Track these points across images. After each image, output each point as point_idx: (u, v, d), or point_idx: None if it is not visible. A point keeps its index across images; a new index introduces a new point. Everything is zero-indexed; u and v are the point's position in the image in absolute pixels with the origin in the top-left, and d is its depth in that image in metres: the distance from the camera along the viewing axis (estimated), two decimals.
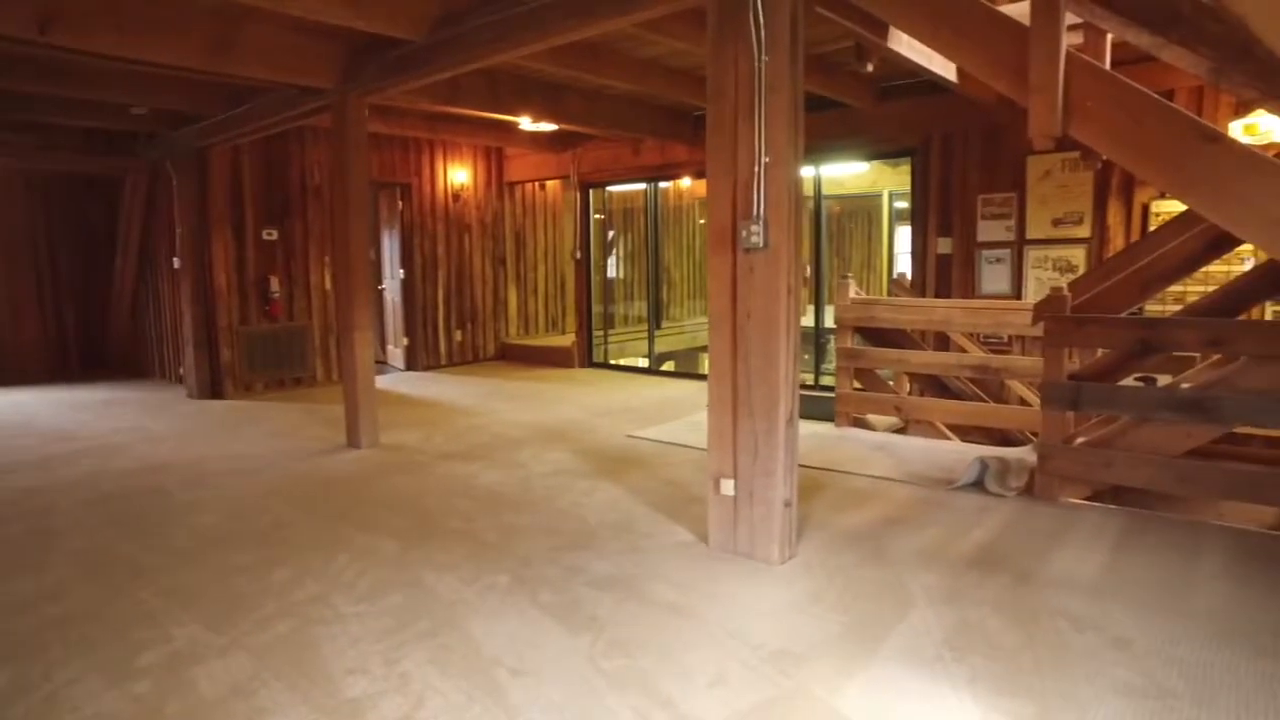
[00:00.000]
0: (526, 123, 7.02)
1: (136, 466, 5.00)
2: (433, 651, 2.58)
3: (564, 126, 7.37)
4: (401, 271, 8.87)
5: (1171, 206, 5.49)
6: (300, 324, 7.94)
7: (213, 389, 7.45)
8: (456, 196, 9.17)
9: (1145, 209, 5.62)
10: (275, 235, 7.71)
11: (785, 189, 3.12)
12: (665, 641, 2.60)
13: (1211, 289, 4.50)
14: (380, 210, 9.14)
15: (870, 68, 4.84)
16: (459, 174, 9.16)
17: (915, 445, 5.25)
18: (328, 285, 8.00)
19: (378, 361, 8.99)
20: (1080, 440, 4.13)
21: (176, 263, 7.47)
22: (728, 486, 3.33)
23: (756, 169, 3.13)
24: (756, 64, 3.09)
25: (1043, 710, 2.20)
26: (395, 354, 9.18)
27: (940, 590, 2.96)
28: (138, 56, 4.50)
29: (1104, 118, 3.05)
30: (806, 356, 8.75)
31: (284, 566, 3.31)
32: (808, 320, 8.36)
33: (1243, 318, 3.95)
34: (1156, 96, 2.99)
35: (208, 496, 4.34)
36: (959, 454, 4.91)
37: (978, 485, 4.22)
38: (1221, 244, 3.75)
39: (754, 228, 3.13)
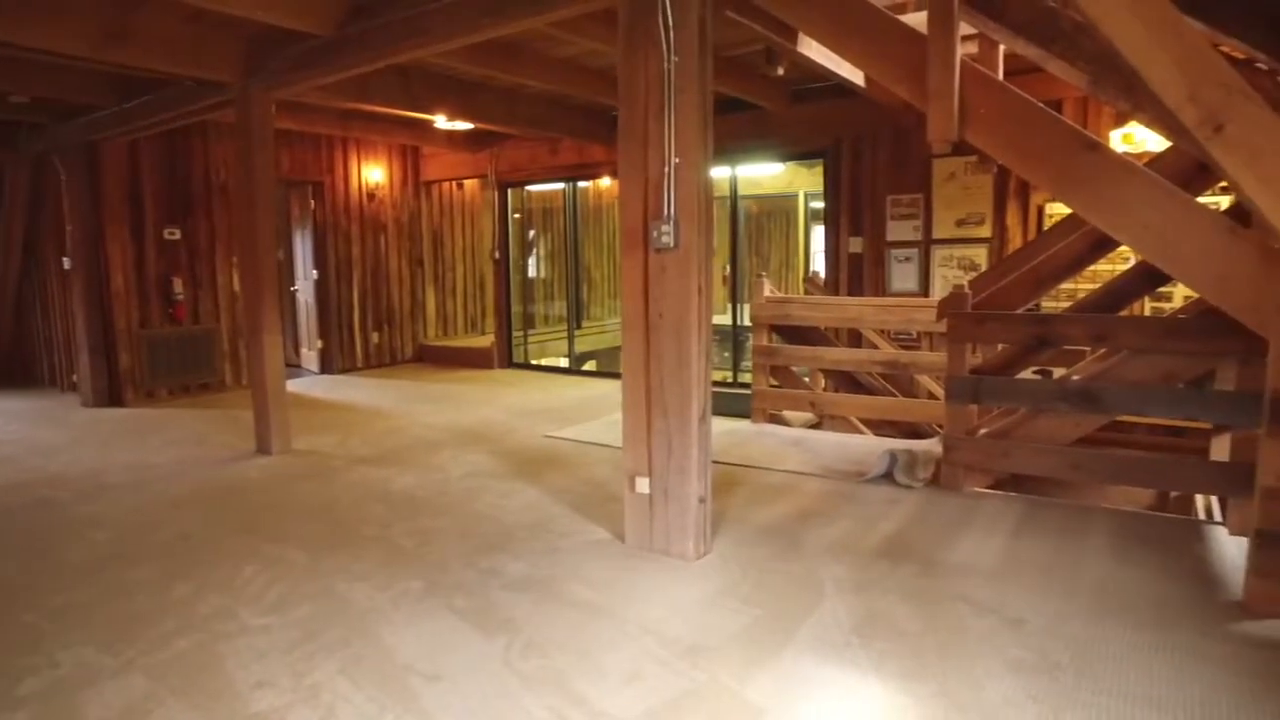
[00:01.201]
0: (442, 121, 6.91)
1: (24, 480, 4.72)
2: (344, 661, 2.52)
3: (480, 126, 7.29)
4: (315, 272, 8.62)
5: (1063, 209, 5.79)
6: (207, 327, 7.62)
7: (111, 396, 7.07)
8: (371, 195, 8.96)
9: (1040, 210, 5.92)
10: (178, 234, 7.38)
11: (695, 190, 3.17)
12: (581, 641, 2.61)
13: (1098, 286, 4.76)
14: (291, 209, 8.86)
15: (780, 71, 4.96)
16: (374, 172, 8.95)
17: (829, 440, 5.40)
18: (236, 286, 7.70)
19: (291, 365, 8.73)
20: (983, 432, 4.33)
21: (67, 263, 7.07)
22: (643, 485, 3.36)
23: (667, 170, 3.16)
24: (666, 66, 3.12)
25: (942, 689, 2.30)
26: (309, 357, 8.91)
27: (850, 581, 3.06)
28: (17, 40, 4.22)
29: (995, 124, 3.20)
30: (726, 354, 8.90)
31: (186, 580, 3.17)
32: (726, 318, 8.51)
33: (1124, 313, 4.20)
34: (1042, 106, 3.16)
35: (104, 510, 4.12)
36: (870, 448, 5.08)
37: (887, 477, 4.37)
38: (1104, 244, 3.99)
39: (665, 228, 3.17)
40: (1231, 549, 3.36)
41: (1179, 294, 5.08)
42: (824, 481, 4.40)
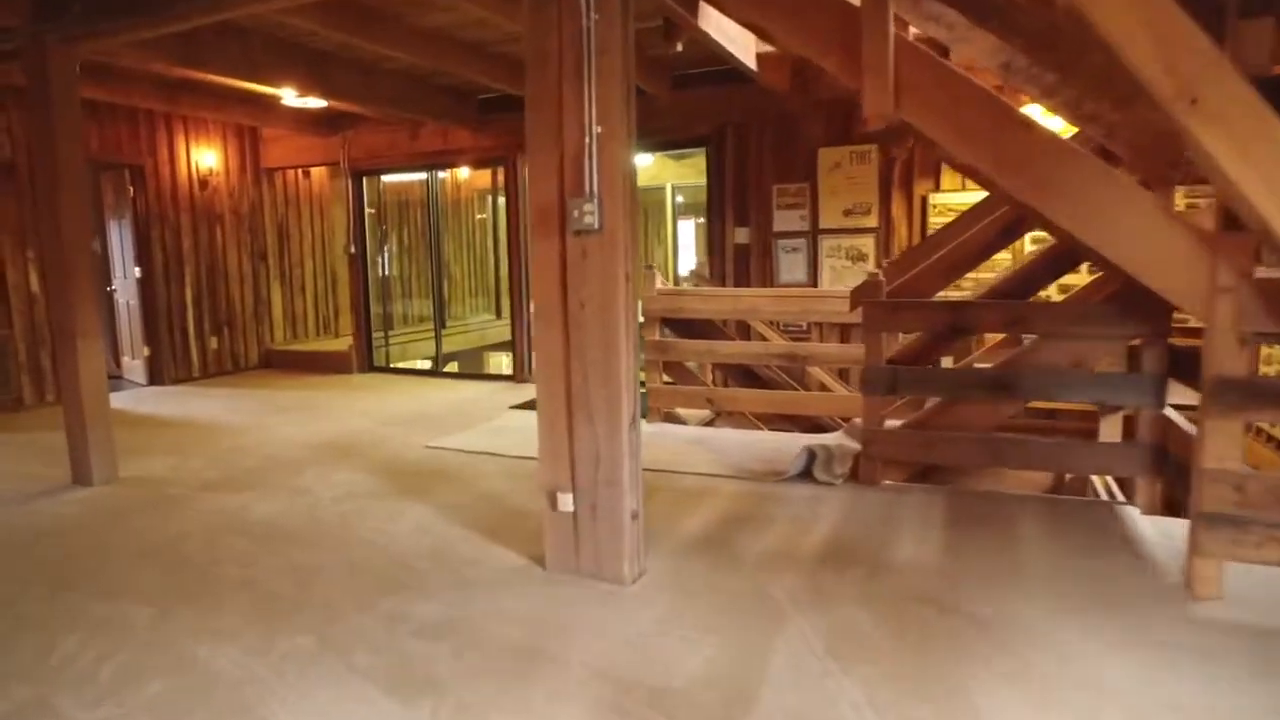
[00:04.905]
0: (290, 96, 6.13)
1: None
2: None
3: (334, 104, 6.54)
4: (137, 269, 7.48)
5: (947, 199, 5.87)
6: None
7: None
8: (204, 183, 7.91)
9: (924, 200, 5.97)
10: None
11: (620, 163, 2.80)
12: (524, 696, 2.17)
13: (992, 275, 4.81)
14: (105, 196, 7.66)
15: (679, 48, 4.67)
16: (206, 156, 7.90)
17: (731, 438, 5.16)
18: (35, 286, 6.53)
19: (114, 377, 7.57)
20: (896, 424, 4.23)
21: None
22: (566, 501, 2.95)
23: (587, 141, 2.77)
24: (585, 23, 2.72)
25: (940, 711, 2.06)
26: (134, 367, 7.75)
27: (803, 593, 2.79)
28: None
29: (931, 100, 3.03)
30: None
31: None
32: None
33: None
34: (976, 82, 3.02)
35: None
36: (776, 444, 4.89)
37: (804, 475, 4.18)
38: (1014, 230, 3.98)
39: (587, 207, 2.77)
40: (1148, 528, 3.38)
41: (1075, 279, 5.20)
42: (741, 483, 4.14)
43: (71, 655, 2.45)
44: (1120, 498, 4.03)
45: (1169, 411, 3.55)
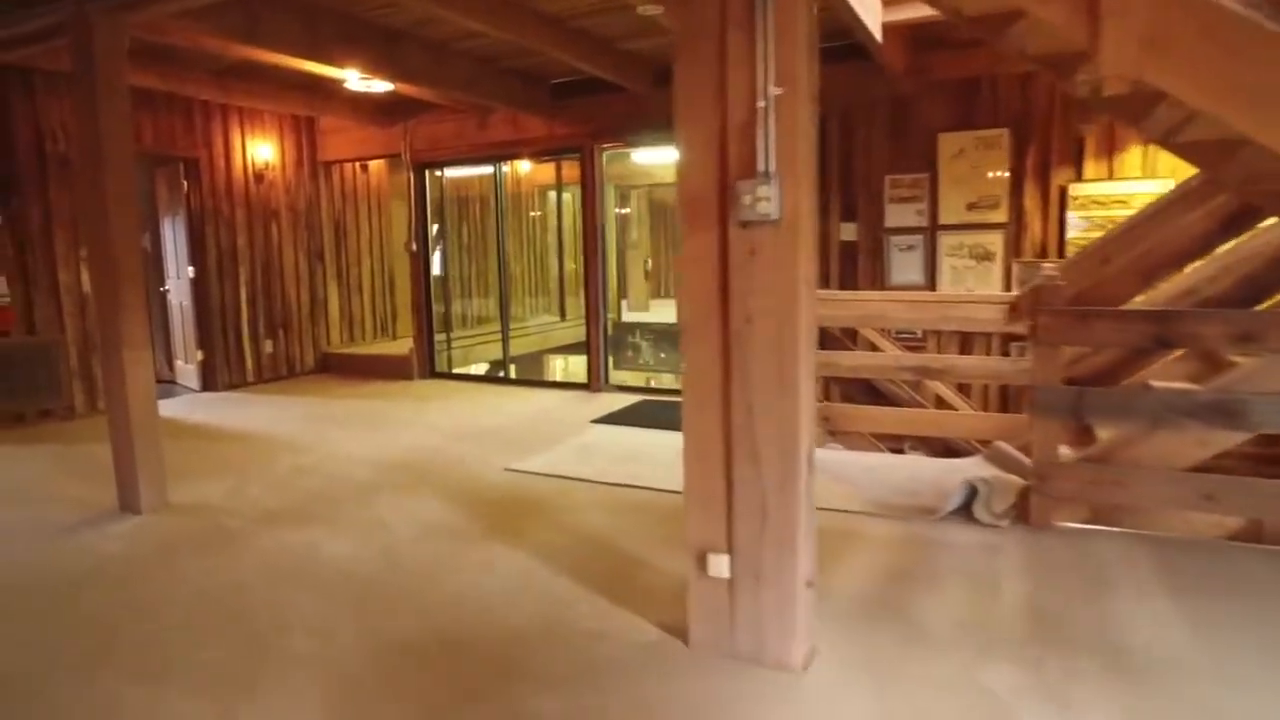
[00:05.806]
0: (354, 79, 5.61)
1: None
2: None
3: (400, 88, 6.01)
4: (191, 268, 7.06)
5: (1091, 190, 5.13)
6: (46, 338, 6.00)
7: None
8: (260, 177, 7.47)
9: (1063, 192, 5.23)
10: None
11: (803, 135, 2.17)
12: None
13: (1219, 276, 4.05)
14: (158, 191, 7.28)
15: (814, 10, 4.01)
16: (262, 149, 7.46)
17: (856, 463, 4.50)
18: (86, 286, 6.12)
19: (166, 382, 7.19)
20: (1071, 454, 3.55)
21: None
22: (719, 565, 2.33)
23: (760, 105, 2.15)
24: None
25: None
26: (187, 372, 7.35)
27: (1033, 692, 2.14)
28: None
29: (1190, 52, 2.35)
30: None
31: None
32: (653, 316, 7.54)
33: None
34: (1257, 21, 2.33)
35: None
36: (910, 471, 4.23)
37: (960, 512, 3.52)
38: (1240, 220, 3.26)
39: (762, 190, 2.15)
40: None
41: None
42: (888, 523, 3.49)
43: None
44: None
45: None
